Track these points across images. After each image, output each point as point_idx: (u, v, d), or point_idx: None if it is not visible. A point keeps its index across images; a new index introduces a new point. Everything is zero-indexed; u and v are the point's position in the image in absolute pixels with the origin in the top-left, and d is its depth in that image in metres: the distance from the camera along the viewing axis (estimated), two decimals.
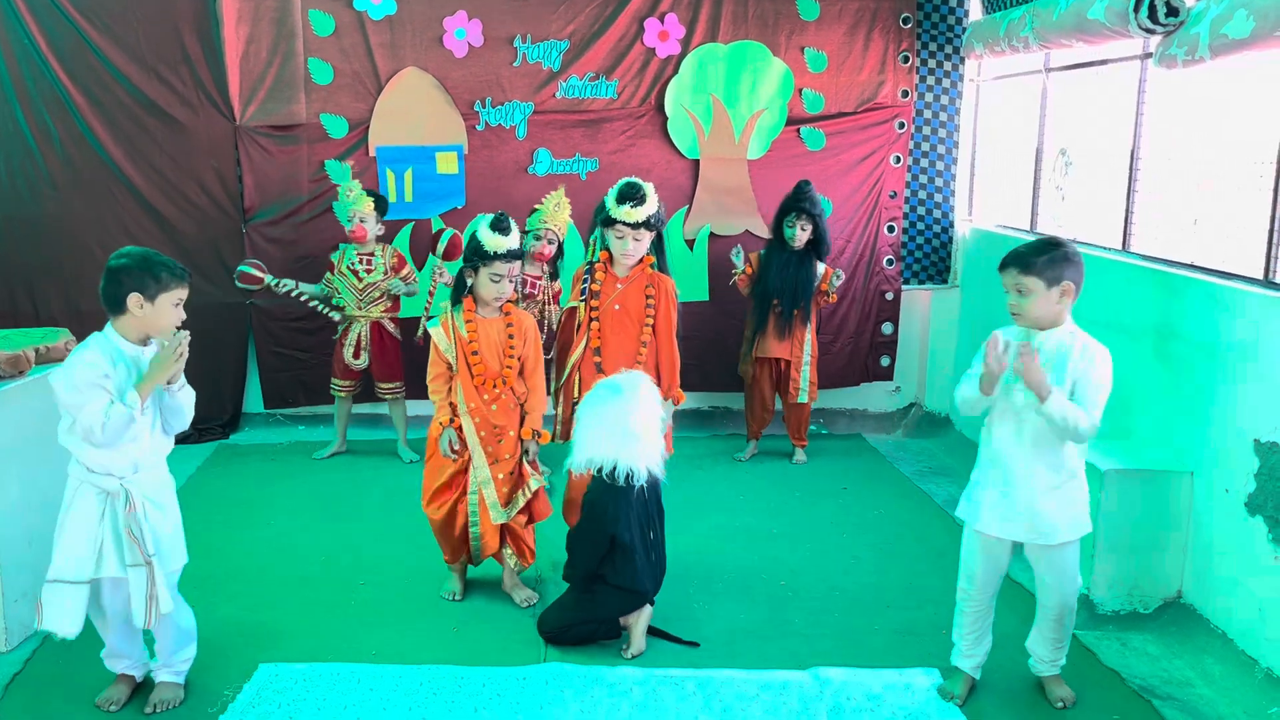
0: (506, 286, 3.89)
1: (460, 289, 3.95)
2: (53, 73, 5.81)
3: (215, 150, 6.00)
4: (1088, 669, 3.61)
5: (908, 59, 6.25)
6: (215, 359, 6.11)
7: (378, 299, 5.65)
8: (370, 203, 5.55)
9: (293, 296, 5.64)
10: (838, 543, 4.73)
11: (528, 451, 4.02)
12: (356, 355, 5.70)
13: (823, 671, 3.53)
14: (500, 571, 4.16)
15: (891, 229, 6.43)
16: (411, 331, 5.69)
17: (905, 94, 6.29)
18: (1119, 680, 3.56)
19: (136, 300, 3.04)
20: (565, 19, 6.02)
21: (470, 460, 3.94)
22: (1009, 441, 3.23)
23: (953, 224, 6.53)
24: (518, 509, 3.99)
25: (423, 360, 4.10)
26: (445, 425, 3.92)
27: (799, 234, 5.57)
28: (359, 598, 4.13)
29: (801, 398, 5.78)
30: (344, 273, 5.61)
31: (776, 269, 5.63)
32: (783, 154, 6.23)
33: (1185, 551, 3.98)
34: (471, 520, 3.98)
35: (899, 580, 4.34)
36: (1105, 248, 4.91)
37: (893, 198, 6.39)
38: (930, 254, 6.55)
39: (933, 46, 6.30)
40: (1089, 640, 3.81)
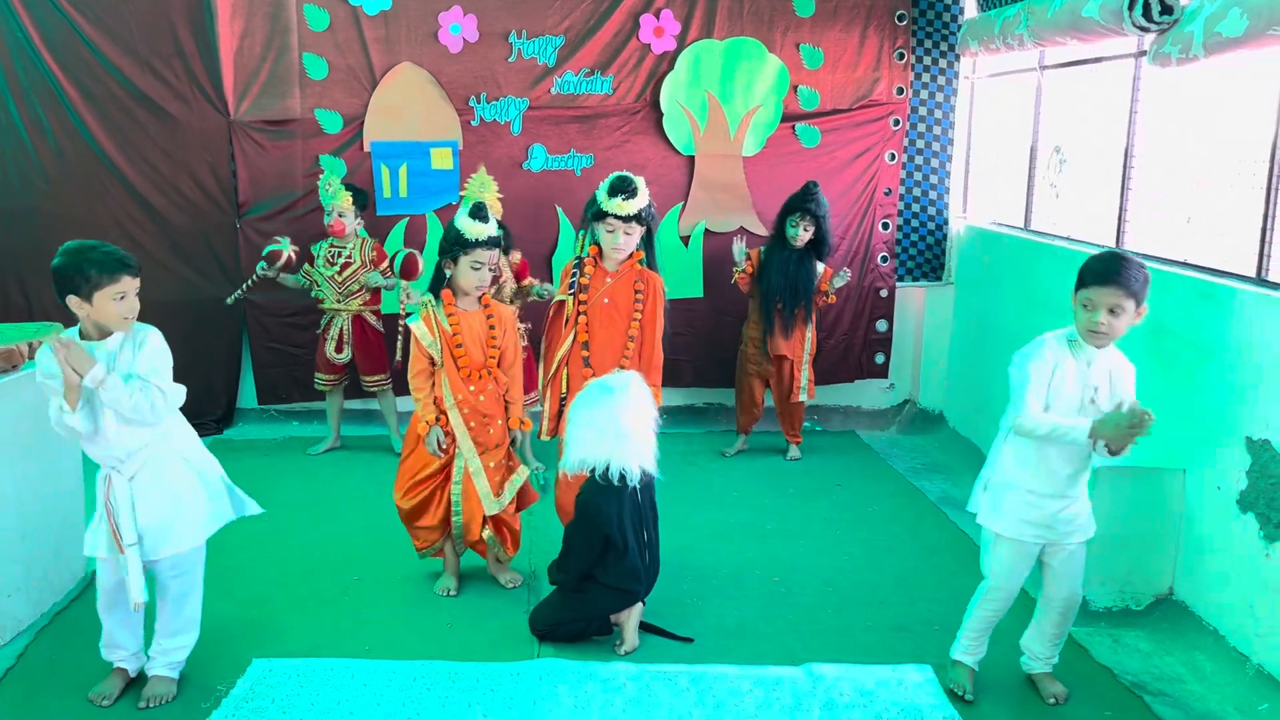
0: (486, 274, 3.93)
1: (439, 281, 3.98)
2: (45, 65, 5.79)
3: (209, 144, 5.98)
4: (1080, 665, 3.63)
5: (903, 56, 6.26)
6: (209, 354, 6.11)
7: (356, 292, 5.65)
8: (348, 197, 5.55)
9: (272, 277, 5.59)
10: (831, 539, 4.74)
11: (515, 441, 4.08)
12: (339, 349, 5.70)
13: (816, 667, 3.54)
14: (485, 561, 4.20)
15: (886, 226, 6.43)
16: (395, 326, 5.65)
17: (900, 91, 6.29)
18: (1111, 677, 3.57)
19: (75, 302, 3.00)
20: (560, 14, 6.01)
21: (453, 454, 3.97)
22: (1063, 456, 3.21)
23: (947, 221, 6.54)
24: (509, 499, 4.04)
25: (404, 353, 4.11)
26: (432, 424, 3.93)
27: (801, 234, 5.58)
28: (353, 593, 4.13)
29: (801, 396, 5.80)
30: (320, 266, 5.62)
31: (777, 268, 5.64)
32: (778, 150, 6.23)
33: (1177, 548, 3.99)
34: (455, 509, 4.02)
35: (892, 576, 4.35)
36: (1099, 245, 4.92)
37: (887, 195, 6.40)
38: (925, 251, 6.55)
39: (928, 44, 6.30)
40: (1081, 637, 3.82)
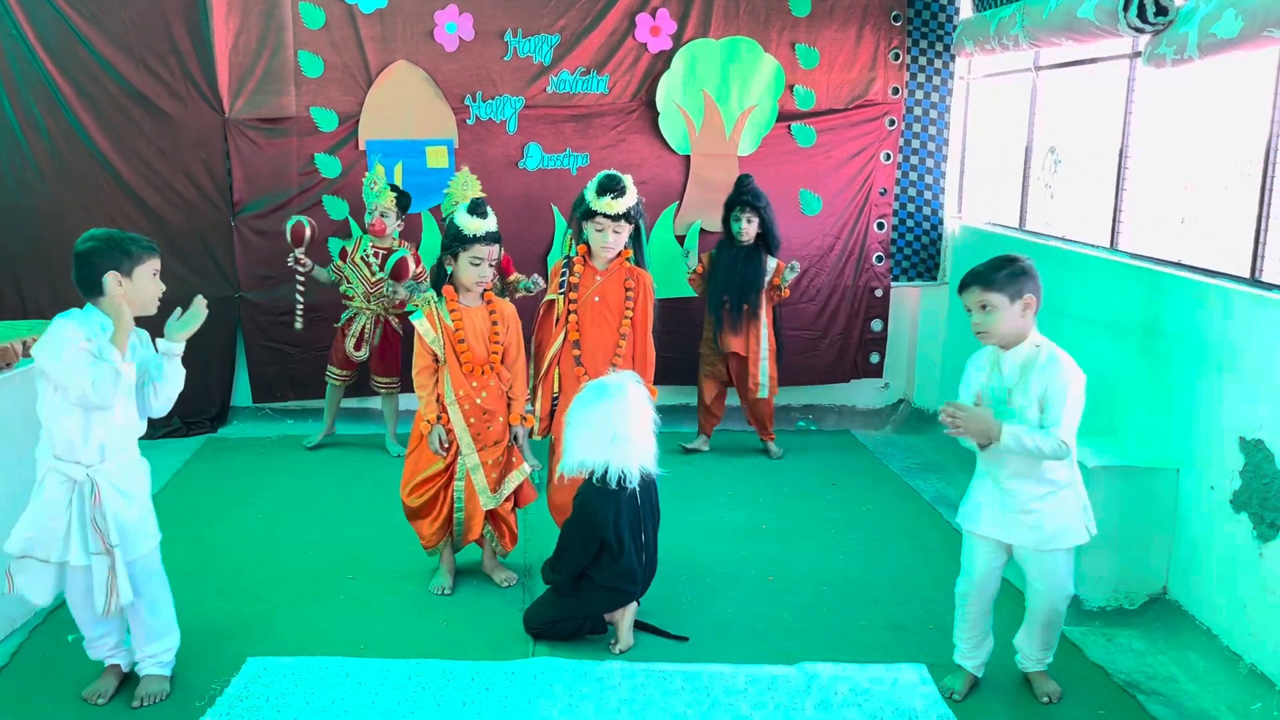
0: (487, 270, 3.94)
1: (440, 277, 3.99)
2: (40, 63, 5.78)
3: (204, 143, 5.97)
4: (1074, 664, 3.63)
5: (899, 56, 6.27)
6: (203, 352, 6.08)
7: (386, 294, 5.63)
8: (392, 197, 5.53)
9: (303, 273, 5.53)
10: (826, 538, 4.74)
11: (516, 437, 4.09)
12: (358, 347, 5.68)
13: (810, 666, 3.54)
14: (480, 560, 4.21)
15: (881, 226, 6.44)
16: (410, 327, 5.63)
17: (896, 91, 6.30)
18: (1104, 675, 3.58)
19: (115, 279, 3.06)
20: (556, 13, 6.01)
21: (457, 452, 3.98)
22: (991, 458, 3.26)
23: (942, 221, 6.55)
24: (505, 495, 4.05)
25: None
26: (434, 423, 3.94)
27: (745, 228, 5.60)
28: (347, 591, 4.13)
29: (761, 393, 5.74)
30: (357, 263, 5.59)
31: (725, 265, 5.66)
32: (774, 150, 6.24)
33: (1170, 548, 4.00)
34: (457, 506, 4.03)
35: (887, 576, 4.35)
36: (1093, 246, 4.93)
37: (883, 195, 6.40)
38: (920, 251, 6.56)
39: (923, 44, 6.31)
40: (1075, 636, 3.83)
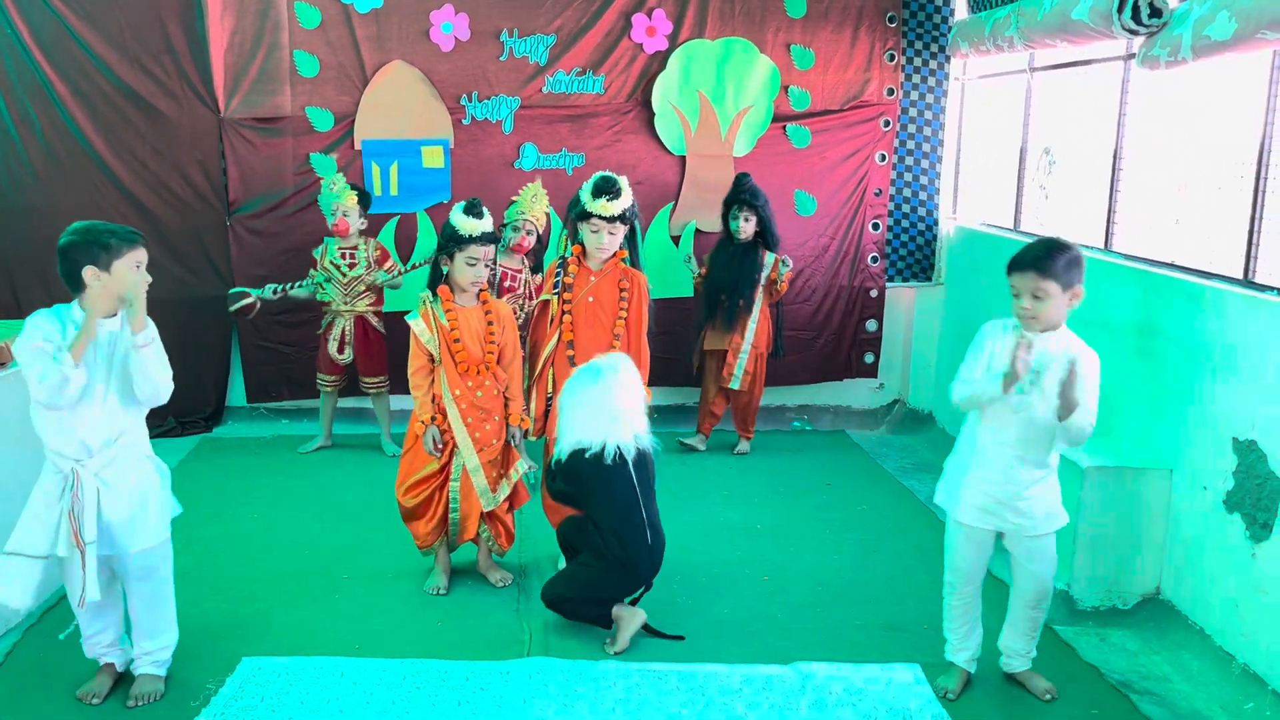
0: (482, 270, 3.95)
1: (436, 277, 3.99)
2: (35, 62, 5.77)
3: (199, 142, 5.97)
4: (1067, 664, 3.64)
5: (894, 57, 6.28)
6: (198, 352, 6.09)
7: (362, 293, 5.64)
8: (354, 196, 5.54)
9: (286, 297, 5.61)
10: (821, 538, 4.75)
11: (513, 437, 4.10)
12: (340, 350, 5.69)
13: (805, 666, 3.55)
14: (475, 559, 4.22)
15: (876, 226, 6.45)
16: (396, 326, 5.67)
17: (891, 92, 6.31)
18: (1098, 675, 3.59)
19: (92, 273, 3.05)
20: (552, 13, 6.01)
21: (452, 452, 3.98)
22: (995, 440, 3.26)
23: (937, 222, 6.56)
24: (504, 496, 4.06)
25: (406, 356, 4.10)
26: (428, 424, 3.94)
27: (744, 226, 5.64)
28: (342, 591, 4.13)
29: (734, 384, 5.72)
30: (327, 267, 5.60)
31: (723, 263, 5.70)
32: (769, 151, 6.25)
33: (1164, 548, 4.01)
34: (452, 506, 4.03)
35: (882, 575, 4.36)
36: (1088, 247, 4.93)
37: (877, 195, 6.41)
38: (914, 251, 6.58)
39: (918, 45, 6.32)
40: (1068, 636, 3.84)
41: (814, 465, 5.82)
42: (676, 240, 6.28)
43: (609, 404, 3.57)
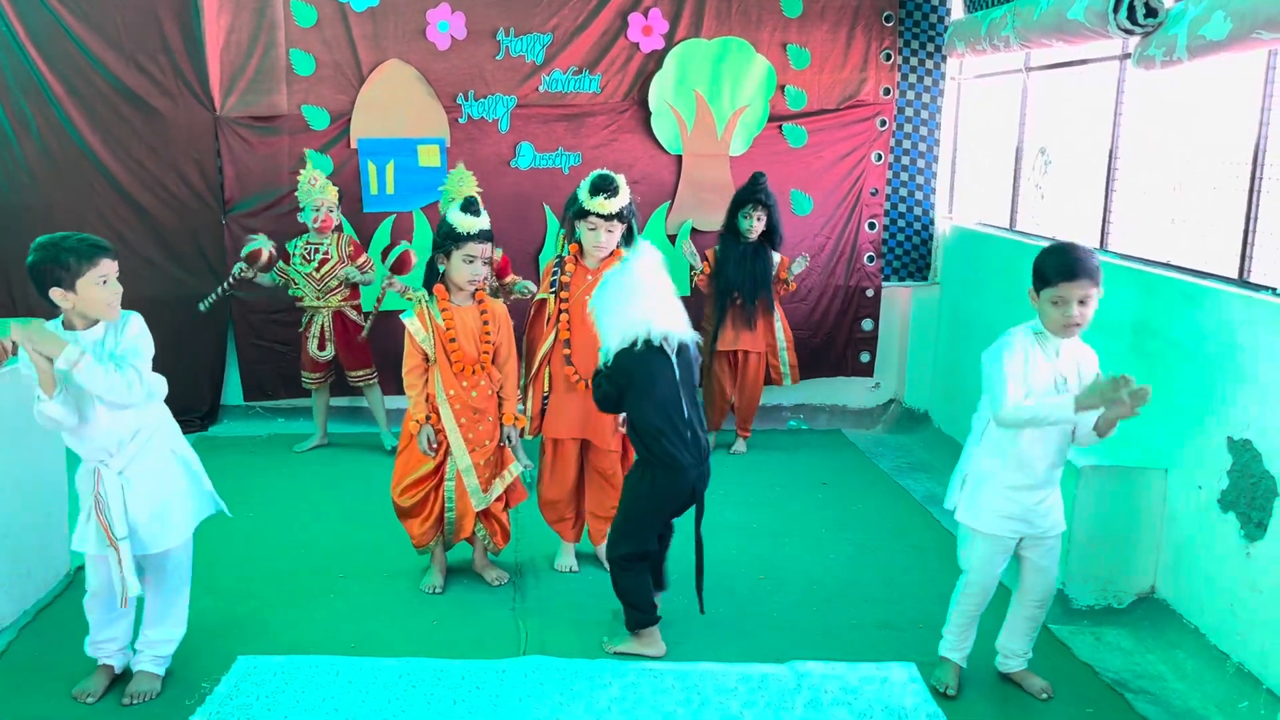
0: (480, 268, 3.95)
1: (433, 276, 3.99)
2: (31, 60, 5.76)
3: (195, 141, 5.96)
4: (1062, 663, 3.65)
5: (890, 57, 6.28)
6: (194, 350, 6.09)
7: (335, 288, 5.63)
8: (335, 192, 5.54)
9: (244, 278, 5.54)
10: (817, 537, 4.75)
11: (509, 438, 4.09)
12: (321, 346, 5.68)
13: (800, 665, 3.55)
14: (471, 558, 4.22)
15: (872, 226, 6.46)
16: (388, 324, 5.65)
17: (887, 92, 6.32)
18: (1093, 674, 3.59)
19: (59, 294, 3.01)
20: (549, 12, 6.01)
21: (447, 451, 3.98)
22: (1040, 451, 3.25)
23: (933, 221, 6.57)
24: (496, 495, 4.06)
25: (387, 346, 4.09)
26: (423, 423, 3.94)
27: (755, 225, 5.65)
28: (338, 590, 4.13)
29: (786, 381, 5.97)
30: (297, 264, 5.60)
31: (734, 262, 5.71)
32: (765, 150, 6.25)
33: (1159, 547, 4.02)
34: (448, 505, 4.03)
35: (877, 575, 4.36)
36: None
37: (874, 195, 6.42)
38: (910, 251, 6.58)
39: (915, 44, 6.32)
40: (1063, 635, 3.84)
41: (810, 465, 5.83)
42: (673, 239, 6.28)
43: (642, 286, 3.56)
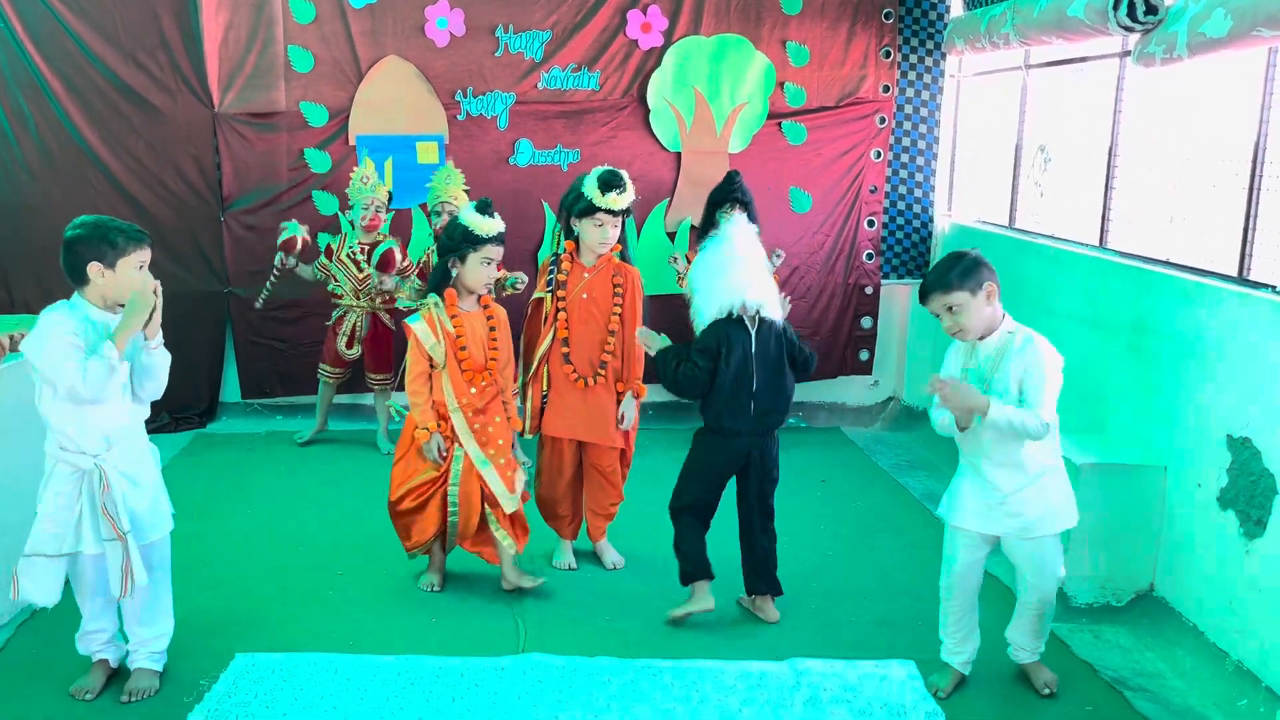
0: (494, 271, 3.91)
1: (444, 281, 3.89)
2: (29, 57, 5.75)
3: (193, 137, 5.95)
4: (1061, 661, 3.64)
5: (889, 54, 6.28)
6: (192, 347, 6.07)
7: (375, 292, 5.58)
8: (386, 191, 5.51)
9: (286, 268, 5.49)
10: (816, 535, 4.75)
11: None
12: (350, 345, 5.63)
13: (800, 662, 3.55)
14: (480, 564, 4.17)
15: (871, 223, 6.45)
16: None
17: (886, 89, 6.31)
18: (1092, 672, 3.59)
19: (97, 269, 3.04)
20: (547, 9, 6.00)
21: (451, 459, 3.92)
22: (969, 448, 3.29)
23: (932, 219, 6.57)
24: (520, 489, 4.00)
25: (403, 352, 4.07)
26: (433, 431, 3.86)
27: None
28: (336, 588, 4.12)
29: None
30: (344, 261, 5.55)
31: None
32: (764, 148, 6.24)
33: (1158, 545, 4.02)
34: (451, 510, 3.98)
35: (876, 572, 4.36)
36: (1082, 244, 4.95)
37: (873, 192, 6.42)
38: (910, 249, 6.58)
39: (914, 42, 6.32)
40: (1062, 632, 3.84)
41: (809, 462, 5.82)
42: (672, 236, 6.28)
43: (736, 260, 3.69)
